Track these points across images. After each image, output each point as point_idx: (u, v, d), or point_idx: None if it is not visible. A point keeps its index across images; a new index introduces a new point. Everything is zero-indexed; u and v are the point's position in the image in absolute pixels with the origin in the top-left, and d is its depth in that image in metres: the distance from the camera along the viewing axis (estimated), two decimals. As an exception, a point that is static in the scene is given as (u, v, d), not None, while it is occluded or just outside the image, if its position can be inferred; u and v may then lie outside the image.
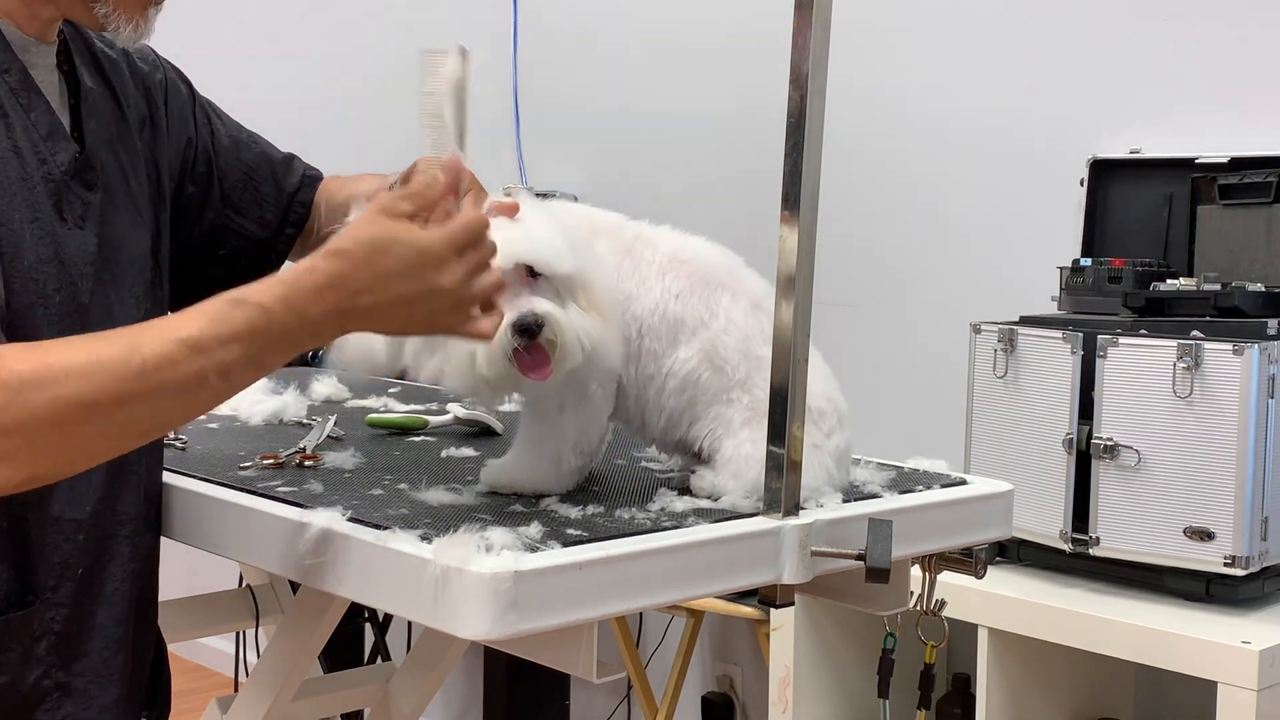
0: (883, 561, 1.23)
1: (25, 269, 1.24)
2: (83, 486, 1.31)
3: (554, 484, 1.39)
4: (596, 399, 1.40)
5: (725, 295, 1.41)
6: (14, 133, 1.25)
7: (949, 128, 2.71)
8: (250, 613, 2.06)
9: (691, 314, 1.40)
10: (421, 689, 1.96)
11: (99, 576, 1.35)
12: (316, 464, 1.53)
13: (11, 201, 1.23)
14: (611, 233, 1.44)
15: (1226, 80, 2.36)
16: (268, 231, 1.58)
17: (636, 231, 1.45)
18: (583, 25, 3.32)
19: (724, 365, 1.39)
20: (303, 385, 2.02)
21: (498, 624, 1.09)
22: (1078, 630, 1.98)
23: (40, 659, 1.29)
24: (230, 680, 3.56)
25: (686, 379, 1.40)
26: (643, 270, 1.42)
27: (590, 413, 1.40)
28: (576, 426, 1.40)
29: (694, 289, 1.41)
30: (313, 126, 4.02)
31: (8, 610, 1.26)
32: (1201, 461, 1.93)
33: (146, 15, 1.32)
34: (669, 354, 1.40)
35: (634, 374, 1.41)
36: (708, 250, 1.46)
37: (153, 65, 1.50)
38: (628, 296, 1.40)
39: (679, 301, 1.41)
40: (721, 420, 1.40)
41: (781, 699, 2.34)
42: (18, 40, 1.29)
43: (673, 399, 1.41)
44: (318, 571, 1.24)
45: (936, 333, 2.66)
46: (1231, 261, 2.21)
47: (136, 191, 1.41)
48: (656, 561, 1.20)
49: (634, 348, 1.40)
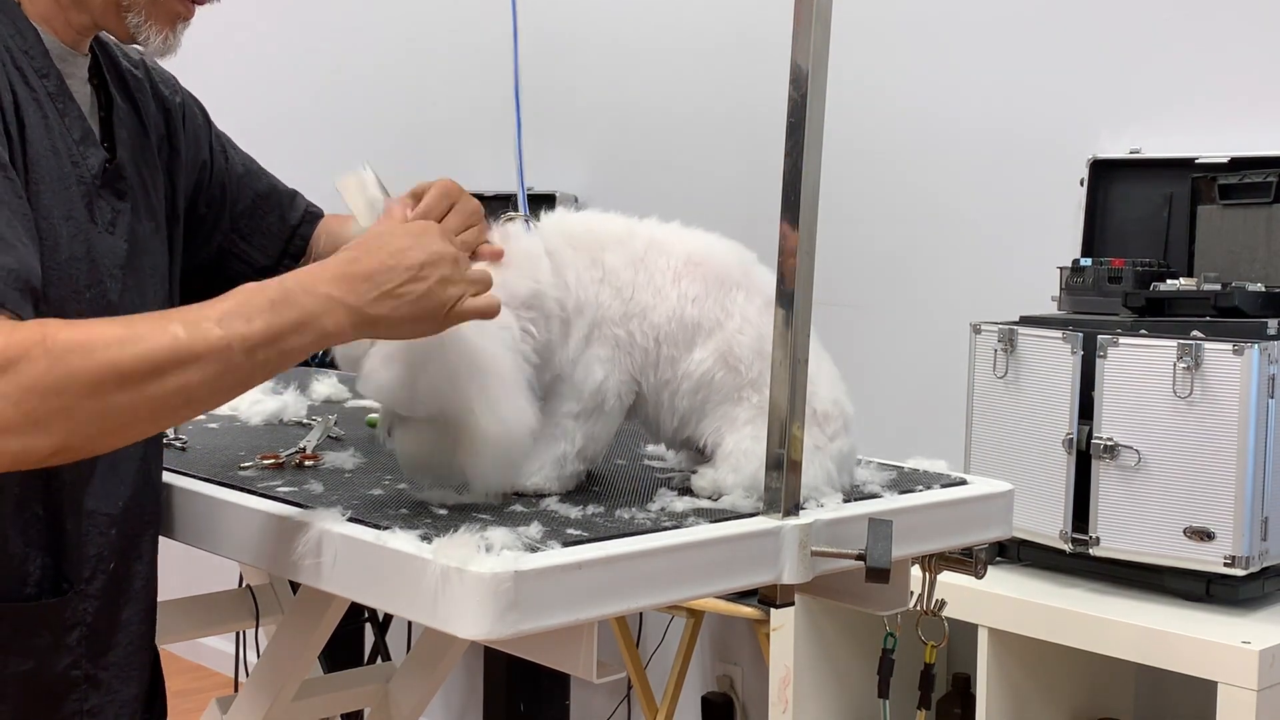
0: (883, 561, 1.23)
1: (61, 263, 1.28)
2: (114, 483, 1.36)
3: (555, 484, 1.40)
4: (613, 411, 1.42)
5: (740, 294, 1.42)
6: (52, 134, 1.30)
7: (949, 128, 2.71)
8: (250, 613, 2.06)
9: (707, 316, 1.41)
10: (421, 689, 1.96)
11: (128, 572, 1.39)
12: (316, 464, 1.53)
13: (51, 198, 1.28)
14: (622, 241, 1.44)
15: (1226, 80, 2.36)
16: (269, 260, 1.64)
17: (648, 238, 1.45)
18: (584, 25, 3.32)
19: (738, 365, 1.39)
20: (303, 385, 2.02)
21: (498, 624, 1.09)
22: (1078, 630, 1.98)
23: (70, 648, 1.33)
24: (230, 680, 3.56)
25: (701, 380, 1.41)
26: (657, 279, 1.42)
27: (603, 423, 1.42)
28: (586, 434, 1.41)
29: (709, 291, 1.42)
30: (314, 124, 4.03)
31: (41, 596, 1.30)
32: (1201, 461, 1.93)
33: (175, 29, 1.37)
34: (685, 357, 1.41)
35: (653, 380, 1.42)
36: (721, 248, 1.46)
37: (172, 89, 1.55)
38: (643, 307, 1.41)
39: (695, 305, 1.41)
40: (728, 418, 1.40)
41: (781, 699, 2.34)
42: (56, 49, 1.34)
43: (686, 400, 1.42)
44: (318, 571, 1.24)
45: (936, 333, 2.66)
46: (1231, 261, 2.21)
47: (156, 206, 1.45)
48: (656, 561, 1.20)
49: (652, 356, 1.41)
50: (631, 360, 1.41)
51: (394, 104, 3.76)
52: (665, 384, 1.42)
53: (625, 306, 1.41)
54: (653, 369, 1.41)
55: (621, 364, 1.41)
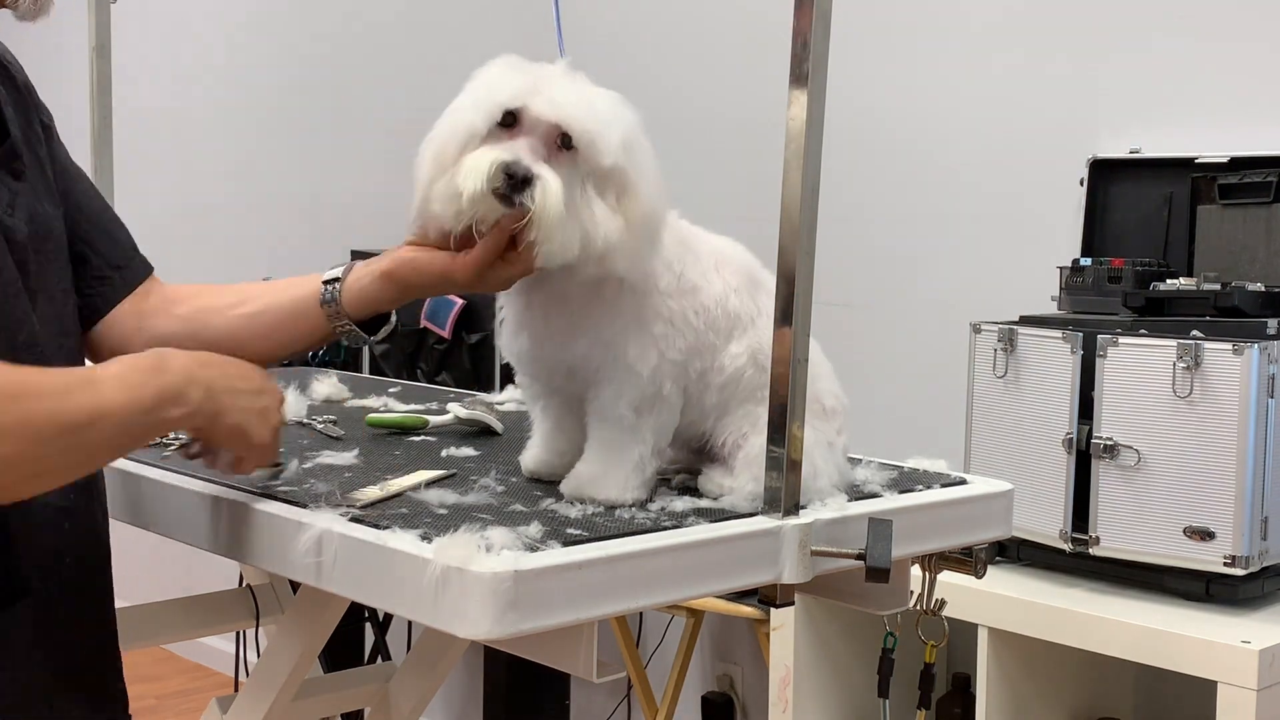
0: (883, 561, 1.23)
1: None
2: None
3: (640, 490, 1.34)
4: (672, 398, 1.36)
5: (763, 294, 1.40)
6: None
7: (949, 127, 2.71)
8: (250, 613, 2.06)
9: (745, 310, 1.39)
10: (421, 689, 1.96)
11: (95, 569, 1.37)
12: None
13: None
14: (671, 223, 1.39)
15: (1226, 80, 2.36)
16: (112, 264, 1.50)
17: (687, 226, 1.42)
18: (584, 25, 3.32)
19: (765, 364, 1.36)
20: (303, 385, 2.02)
21: (498, 624, 1.08)
22: (1077, 630, 1.98)
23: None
24: (230, 680, 3.56)
25: (732, 375, 1.38)
26: (703, 262, 1.38)
27: (666, 413, 1.36)
28: (654, 429, 1.35)
29: (745, 285, 1.40)
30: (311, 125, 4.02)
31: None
32: (1201, 461, 1.93)
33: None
34: (724, 349, 1.38)
35: (697, 367, 1.37)
36: (738, 249, 1.45)
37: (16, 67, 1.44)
38: (694, 287, 1.36)
39: (737, 296, 1.38)
40: (750, 418, 1.38)
41: (781, 699, 2.34)
42: None
43: (714, 395, 1.38)
44: (318, 571, 1.24)
45: (936, 333, 2.66)
46: (1231, 261, 2.22)
47: (50, 184, 1.39)
48: (656, 561, 1.20)
49: (701, 341, 1.36)
50: (684, 339, 1.35)
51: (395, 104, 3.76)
52: (701, 375, 1.37)
53: (677, 282, 1.36)
54: (697, 355, 1.36)
55: (674, 344, 1.34)
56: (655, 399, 1.34)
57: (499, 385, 2.85)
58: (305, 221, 4.06)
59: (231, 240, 4.32)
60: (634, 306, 1.33)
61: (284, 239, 4.09)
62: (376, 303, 1.38)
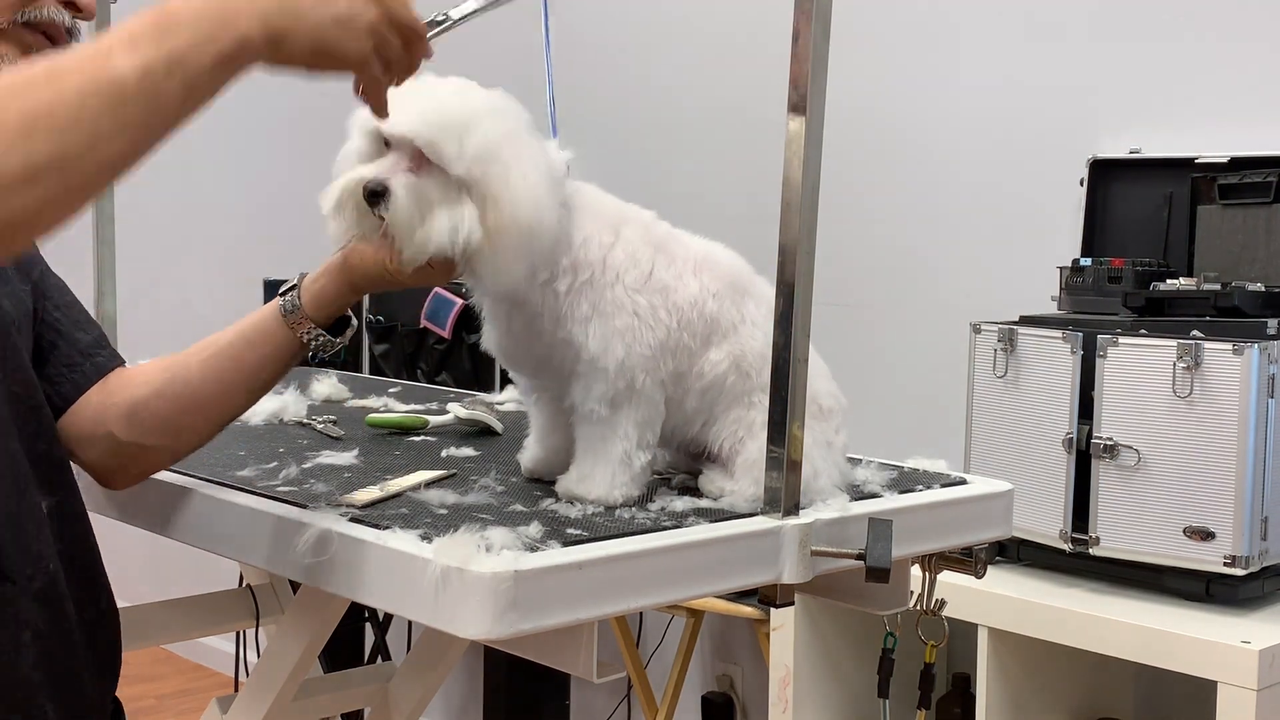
0: (883, 561, 1.23)
1: None
2: None
3: (630, 487, 1.35)
4: (648, 392, 1.36)
5: (750, 301, 1.40)
6: None
7: (949, 127, 2.71)
8: (250, 613, 2.06)
9: (725, 316, 1.39)
10: (421, 689, 1.96)
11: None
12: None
13: None
14: (645, 225, 1.41)
15: (1226, 80, 2.36)
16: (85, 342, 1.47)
17: (667, 230, 1.43)
18: (584, 26, 3.32)
19: (750, 370, 1.38)
20: (303, 385, 2.02)
21: (498, 624, 1.08)
22: (1077, 630, 1.98)
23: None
24: (230, 680, 3.56)
25: (714, 381, 1.39)
26: (678, 265, 1.39)
27: (646, 408, 1.36)
28: (636, 424, 1.36)
29: (726, 291, 1.40)
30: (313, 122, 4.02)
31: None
32: (1201, 461, 1.93)
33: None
34: (701, 354, 1.38)
35: (670, 368, 1.37)
36: (729, 256, 1.45)
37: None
38: (665, 286, 1.37)
39: (716, 301, 1.39)
40: (743, 423, 1.38)
41: (781, 699, 2.34)
42: None
43: (695, 399, 1.39)
44: (318, 571, 1.24)
45: (936, 333, 2.66)
46: (1231, 261, 2.22)
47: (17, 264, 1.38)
48: (656, 561, 1.20)
49: (673, 338, 1.37)
50: (653, 334, 1.35)
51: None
52: (679, 377, 1.38)
53: (645, 280, 1.36)
54: (670, 354, 1.37)
55: (642, 338, 1.34)
56: (629, 393, 1.35)
57: (499, 385, 2.85)
58: (305, 222, 4.05)
59: (231, 240, 4.32)
60: (592, 300, 1.35)
61: (284, 239, 4.08)
62: (334, 300, 1.37)
